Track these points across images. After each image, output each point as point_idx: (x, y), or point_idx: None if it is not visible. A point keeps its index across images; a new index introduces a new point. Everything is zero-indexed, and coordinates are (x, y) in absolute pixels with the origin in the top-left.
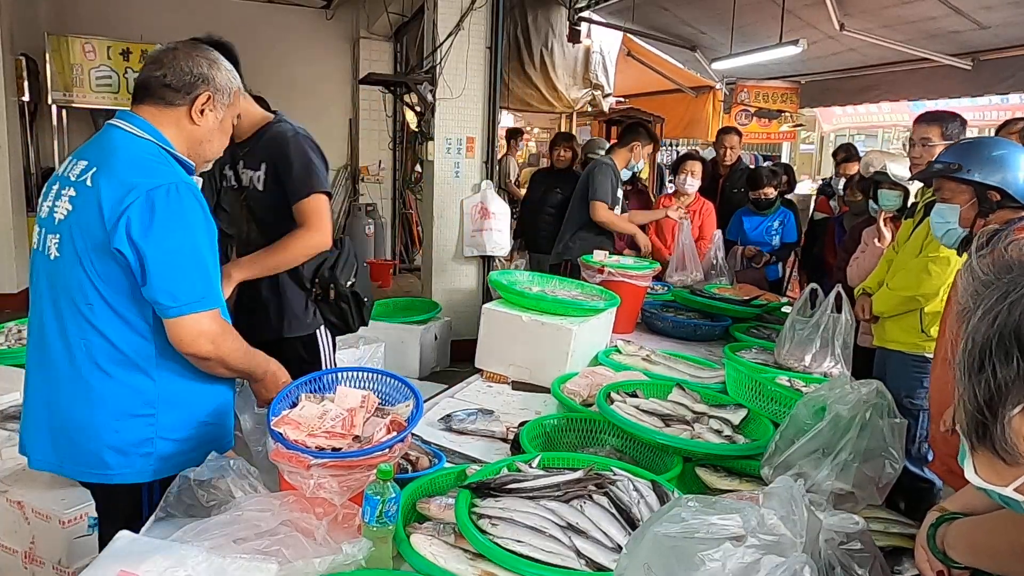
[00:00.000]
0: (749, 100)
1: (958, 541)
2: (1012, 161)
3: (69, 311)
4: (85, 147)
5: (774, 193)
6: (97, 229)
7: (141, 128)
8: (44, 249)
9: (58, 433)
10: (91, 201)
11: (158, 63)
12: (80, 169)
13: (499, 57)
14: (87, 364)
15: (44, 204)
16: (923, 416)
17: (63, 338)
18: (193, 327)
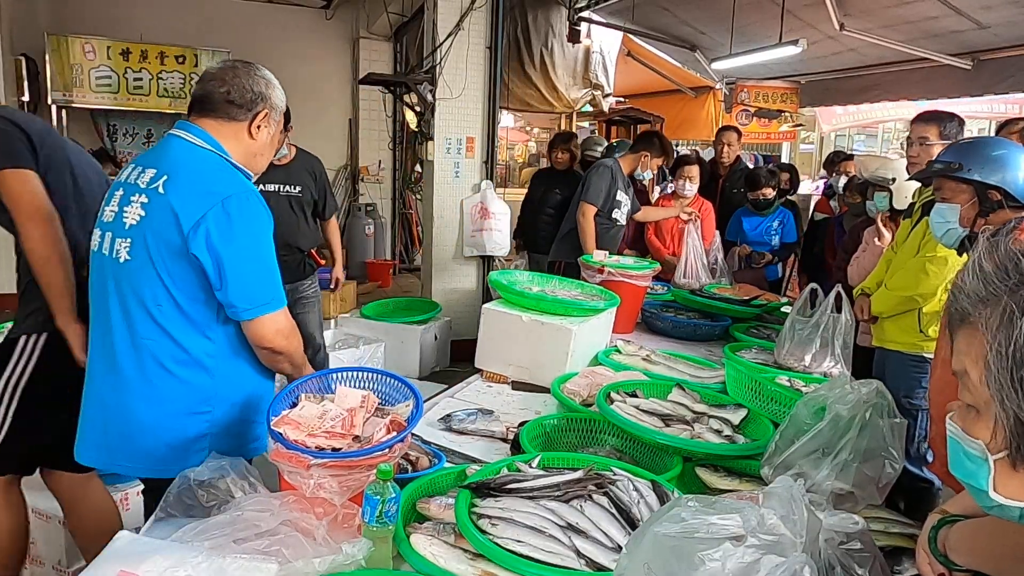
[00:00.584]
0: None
1: (960, 544)
2: (1012, 160)
3: (138, 312)
4: (148, 155)
5: (772, 194)
6: (173, 234)
7: (203, 139)
8: (112, 253)
9: (113, 430)
10: (164, 207)
11: (220, 80)
12: (149, 177)
13: (499, 57)
14: (151, 364)
15: (107, 208)
16: (922, 416)
17: (130, 338)
18: (271, 325)
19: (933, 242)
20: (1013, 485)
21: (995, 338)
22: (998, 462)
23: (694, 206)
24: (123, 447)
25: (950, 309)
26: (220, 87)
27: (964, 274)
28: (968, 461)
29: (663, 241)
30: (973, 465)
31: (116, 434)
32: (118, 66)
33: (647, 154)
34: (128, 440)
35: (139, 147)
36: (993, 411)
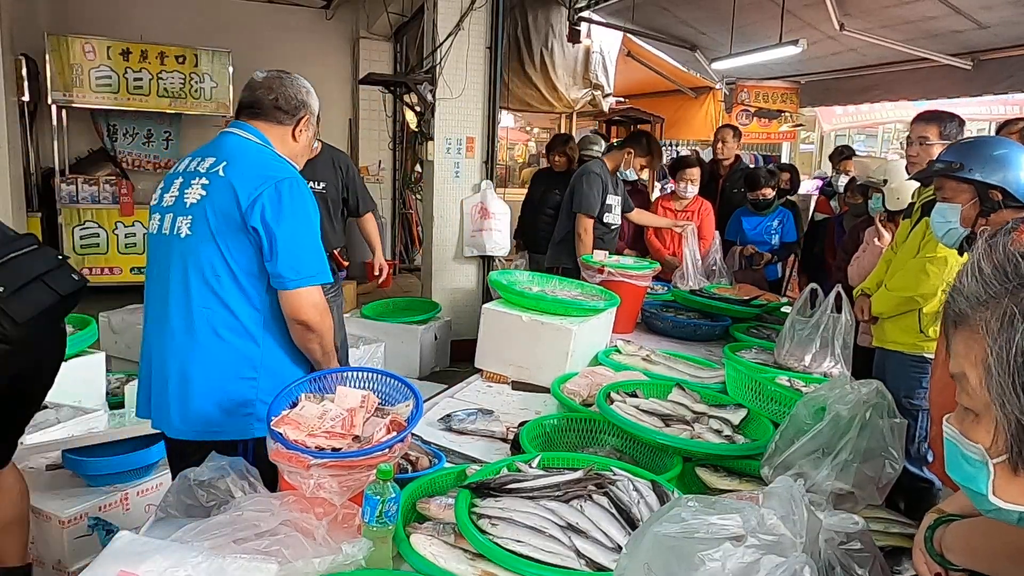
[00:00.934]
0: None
1: (955, 543)
2: (1013, 160)
3: (197, 282)
4: (205, 148)
5: (772, 194)
6: (233, 210)
7: (256, 136)
8: (173, 231)
9: (183, 398)
10: (225, 187)
11: (268, 88)
12: (209, 164)
13: (499, 57)
14: (206, 330)
15: (166, 195)
16: (923, 416)
17: (186, 306)
18: (308, 297)
19: (933, 242)
20: (1013, 489)
21: (996, 342)
22: (998, 466)
23: (694, 206)
24: (177, 408)
25: (948, 311)
26: (269, 94)
27: (963, 275)
28: (967, 464)
29: (663, 241)
30: (972, 469)
31: (172, 395)
32: (118, 66)
33: (631, 151)
34: (182, 401)
35: (139, 147)
36: (994, 415)
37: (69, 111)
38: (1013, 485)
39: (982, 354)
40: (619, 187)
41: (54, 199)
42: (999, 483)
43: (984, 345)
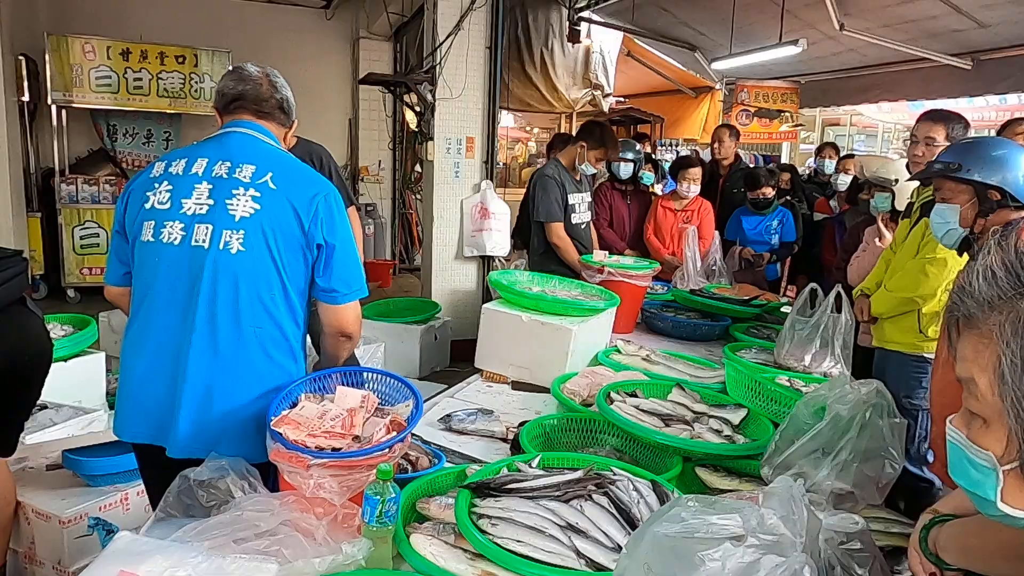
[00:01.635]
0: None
1: (949, 543)
2: (1012, 160)
3: (250, 300)
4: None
5: (772, 193)
6: (294, 228)
7: (270, 139)
8: (216, 243)
9: (207, 417)
10: (282, 203)
11: (272, 86)
12: (250, 173)
13: (499, 57)
14: (256, 350)
15: (187, 200)
16: (923, 416)
17: (235, 326)
18: (355, 310)
19: (933, 243)
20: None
21: (1009, 347)
22: (1008, 473)
23: (693, 206)
24: (224, 431)
25: (953, 312)
26: (274, 93)
27: (971, 277)
28: (973, 470)
29: (663, 241)
30: (979, 475)
31: (217, 419)
32: (118, 66)
33: (583, 145)
34: (228, 424)
35: (139, 147)
36: (1006, 423)
37: (69, 111)
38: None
39: (994, 360)
40: (582, 183)
41: (54, 199)
42: (1009, 490)
43: (996, 350)
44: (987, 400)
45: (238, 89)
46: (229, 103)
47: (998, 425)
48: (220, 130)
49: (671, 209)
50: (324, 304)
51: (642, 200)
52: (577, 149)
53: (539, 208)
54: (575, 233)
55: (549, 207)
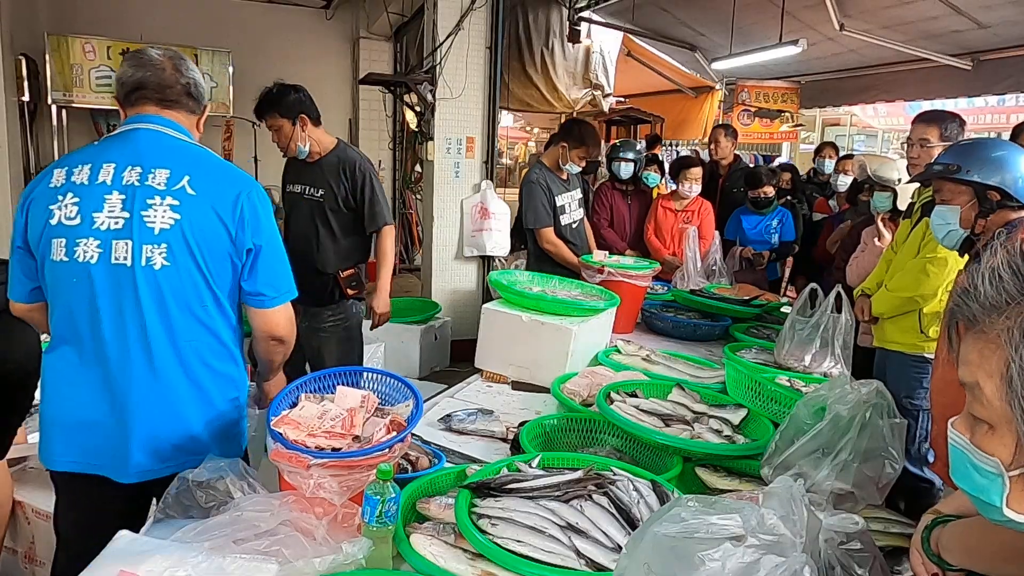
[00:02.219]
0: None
1: (952, 543)
2: (1011, 161)
3: (182, 315)
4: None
5: (773, 192)
6: (220, 235)
7: (180, 132)
8: (137, 260)
9: (157, 438)
10: (204, 209)
11: (176, 71)
12: (164, 178)
13: (499, 57)
14: (195, 363)
15: (98, 215)
16: (923, 416)
17: (170, 343)
18: (285, 313)
19: (933, 243)
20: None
21: (1018, 352)
22: (1015, 479)
23: (694, 206)
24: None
25: (955, 314)
26: (180, 78)
27: (975, 279)
28: (978, 475)
29: (663, 241)
30: (984, 480)
31: (162, 439)
32: (118, 66)
33: (565, 145)
34: (175, 442)
35: None
36: (1014, 429)
37: (69, 111)
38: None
39: (1001, 365)
40: (570, 182)
41: None
42: (1015, 496)
43: (1004, 356)
44: (993, 406)
45: (137, 76)
46: (129, 93)
47: (1005, 431)
48: (123, 126)
49: (671, 209)
50: (251, 308)
51: (642, 200)
52: (559, 150)
53: (527, 215)
54: (567, 234)
55: (536, 213)
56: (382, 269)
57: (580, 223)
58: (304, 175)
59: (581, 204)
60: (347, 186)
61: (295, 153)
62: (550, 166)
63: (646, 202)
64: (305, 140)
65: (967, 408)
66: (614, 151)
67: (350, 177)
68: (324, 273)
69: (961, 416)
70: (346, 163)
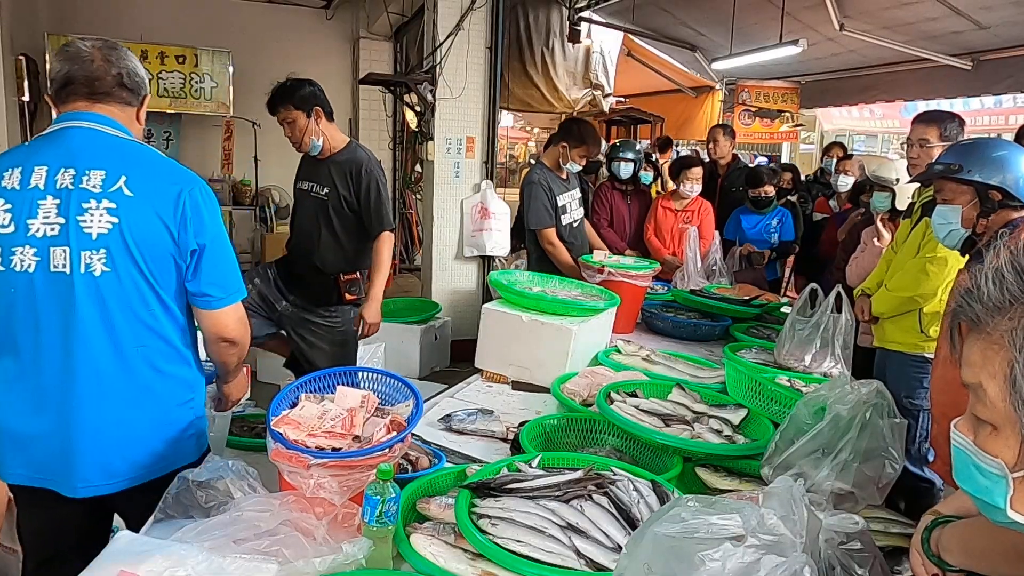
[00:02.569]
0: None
1: (952, 544)
2: (1012, 161)
3: (126, 321)
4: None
5: (773, 191)
6: (162, 237)
7: (118, 129)
8: (76, 267)
9: (105, 451)
10: (143, 211)
11: (106, 61)
12: (99, 179)
13: (499, 57)
14: (143, 369)
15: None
16: (923, 416)
17: (114, 350)
18: (234, 314)
19: (933, 242)
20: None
21: (1022, 353)
22: (1019, 481)
23: (694, 206)
24: (122, 459)
25: (958, 315)
26: (110, 69)
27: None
28: (981, 477)
29: (663, 241)
30: (988, 481)
31: (112, 448)
32: None
33: (565, 144)
34: (127, 451)
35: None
36: (1018, 431)
37: None
38: None
39: (1004, 366)
40: (570, 181)
41: None
42: (1019, 497)
43: (1007, 356)
44: (997, 407)
45: (65, 70)
46: (59, 89)
47: (1009, 432)
48: (53, 125)
49: (671, 209)
50: (199, 310)
51: (642, 200)
52: (559, 149)
53: (529, 216)
54: (566, 234)
55: (538, 214)
56: (376, 276)
57: (580, 222)
58: (313, 172)
59: (580, 203)
60: (352, 187)
61: (308, 148)
62: (550, 166)
63: (646, 202)
64: (319, 134)
65: (970, 409)
66: (614, 151)
67: (355, 178)
68: (324, 273)
69: (964, 417)
70: (354, 164)
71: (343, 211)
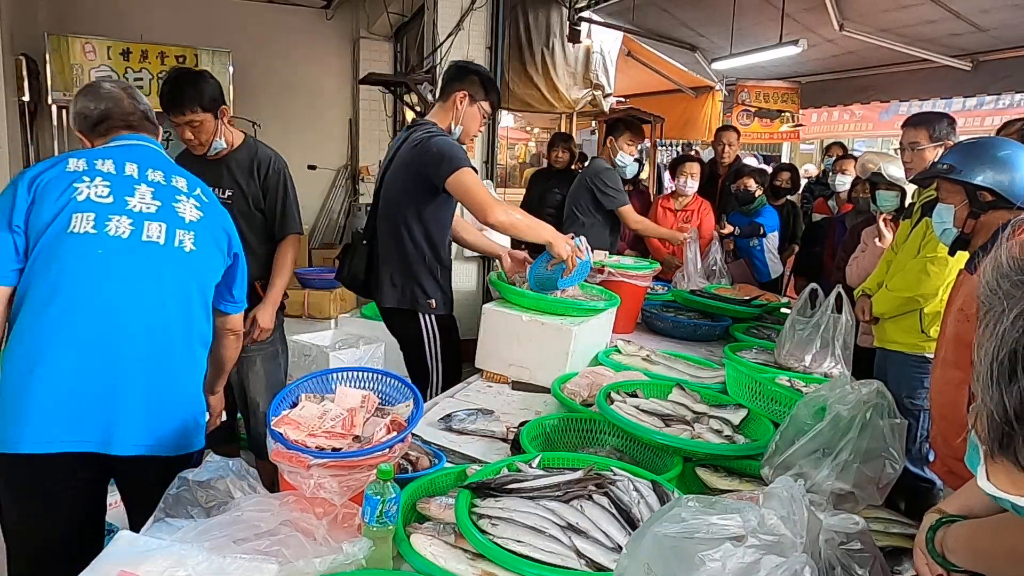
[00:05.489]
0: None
1: (958, 545)
2: (1004, 161)
3: (198, 298)
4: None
5: (755, 185)
6: (223, 238)
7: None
8: (170, 240)
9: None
10: (216, 213)
11: (135, 99)
12: (184, 184)
13: (499, 57)
14: (198, 345)
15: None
16: (924, 416)
17: (185, 321)
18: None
19: (934, 242)
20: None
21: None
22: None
23: (693, 205)
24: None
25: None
26: (138, 106)
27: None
28: (973, 451)
29: (663, 241)
30: (974, 455)
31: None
32: (118, 66)
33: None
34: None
35: None
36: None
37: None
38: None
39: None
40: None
41: None
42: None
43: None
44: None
45: (101, 108)
46: (96, 124)
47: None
48: (121, 140)
49: (671, 209)
50: (223, 312)
51: (642, 200)
52: (607, 148)
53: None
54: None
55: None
56: (277, 279)
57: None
58: (206, 173)
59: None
60: (258, 185)
61: (206, 150)
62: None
63: (646, 202)
64: (222, 133)
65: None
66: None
67: (263, 176)
68: None
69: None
70: (260, 161)
71: (251, 212)
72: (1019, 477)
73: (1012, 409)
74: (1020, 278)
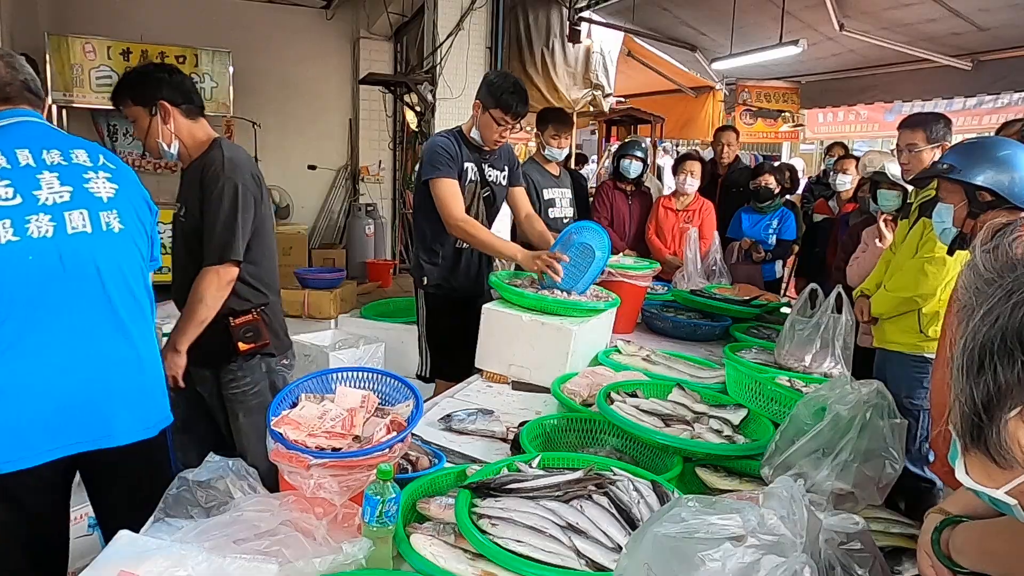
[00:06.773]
0: (750, 100)
1: (968, 546)
2: (1003, 161)
3: (136, 276)
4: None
5: (774, 182)
6: (143, 205)
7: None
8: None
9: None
10: (129, 181)
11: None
12: (84, 156)
13: (499, 57)
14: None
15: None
16: (923, 416)
17: (134, 302)
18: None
19: (932, 242)
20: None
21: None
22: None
23: (694, 205)
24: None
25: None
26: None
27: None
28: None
29: (663, 241)
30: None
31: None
32: (118, 66)
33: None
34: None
35: (139, 147)
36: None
37: (69, 111)
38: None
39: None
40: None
41: None
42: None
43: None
44: None
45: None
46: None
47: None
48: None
49: (672, 209)
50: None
51: (643, 201)
52: (536, 142)
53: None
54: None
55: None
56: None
57: (571, 220)
58: (180, 187)
59: (573, 204)
60: (199, 199)
61: (157, 154)
62: (539, 161)
63: (647, 203)
64: (169, 137)
65: None
66: (623, 148)
67: (202, 186)
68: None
69: None
70: (205, 165)
71: (199, 230)
72: (994, 470)
73: (980, 401)
74: (992, 276)
